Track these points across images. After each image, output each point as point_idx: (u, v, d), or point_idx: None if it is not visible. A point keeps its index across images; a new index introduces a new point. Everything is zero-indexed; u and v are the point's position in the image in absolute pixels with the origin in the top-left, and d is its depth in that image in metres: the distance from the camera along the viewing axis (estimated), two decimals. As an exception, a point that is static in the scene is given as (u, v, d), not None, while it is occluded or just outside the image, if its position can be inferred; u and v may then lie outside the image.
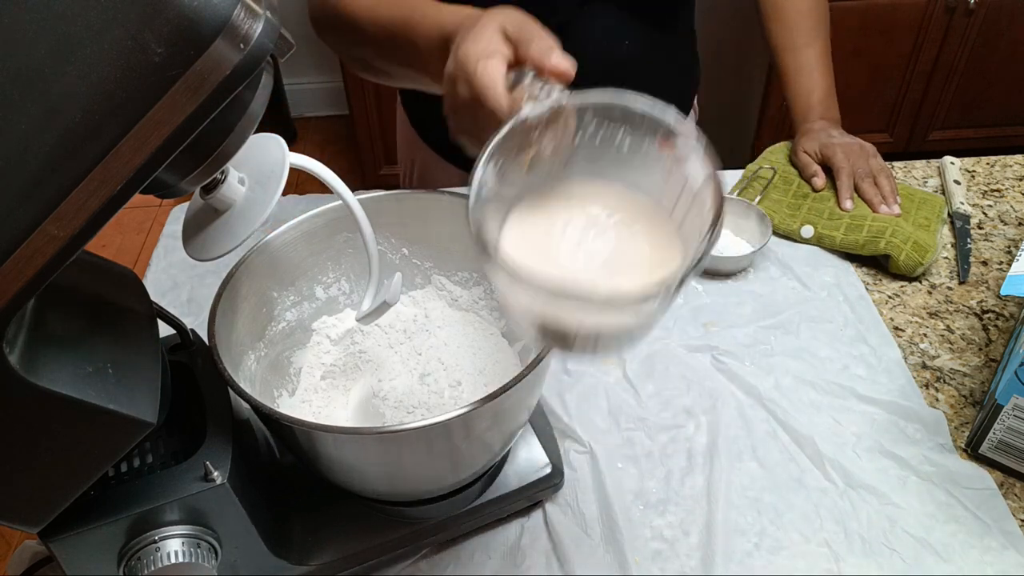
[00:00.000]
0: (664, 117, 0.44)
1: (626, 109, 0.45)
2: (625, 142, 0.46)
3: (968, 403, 0.74)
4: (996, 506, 0.64)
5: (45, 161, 0.33)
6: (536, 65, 0.49)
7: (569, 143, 0.47)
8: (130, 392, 0.44)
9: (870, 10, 1.97)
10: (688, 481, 0.67)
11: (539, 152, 0.47)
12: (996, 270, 0.88)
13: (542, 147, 0.47)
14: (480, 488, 0.63)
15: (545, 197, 0.48)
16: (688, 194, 0.44)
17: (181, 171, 0.41)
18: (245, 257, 0.60)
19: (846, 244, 0.89)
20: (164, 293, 0.88)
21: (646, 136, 0.45)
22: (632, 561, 0.61)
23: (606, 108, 0.46)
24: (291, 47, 0.39)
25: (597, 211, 0.48)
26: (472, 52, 0.50)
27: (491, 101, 0.49)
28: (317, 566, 0.58)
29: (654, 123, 0.44)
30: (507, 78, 0.49)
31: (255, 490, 0.56)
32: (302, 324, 0.68)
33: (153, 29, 0.32)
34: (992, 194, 1.00)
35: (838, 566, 0.61)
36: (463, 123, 0.53)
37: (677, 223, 0.46)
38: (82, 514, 0.48)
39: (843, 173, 0.94)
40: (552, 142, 0.47)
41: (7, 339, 0.37)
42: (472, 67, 0.50)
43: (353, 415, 0.65)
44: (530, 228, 0.47)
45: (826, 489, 0.66)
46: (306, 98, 2.81)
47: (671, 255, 0.44)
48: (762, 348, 0.79)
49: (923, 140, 2.26)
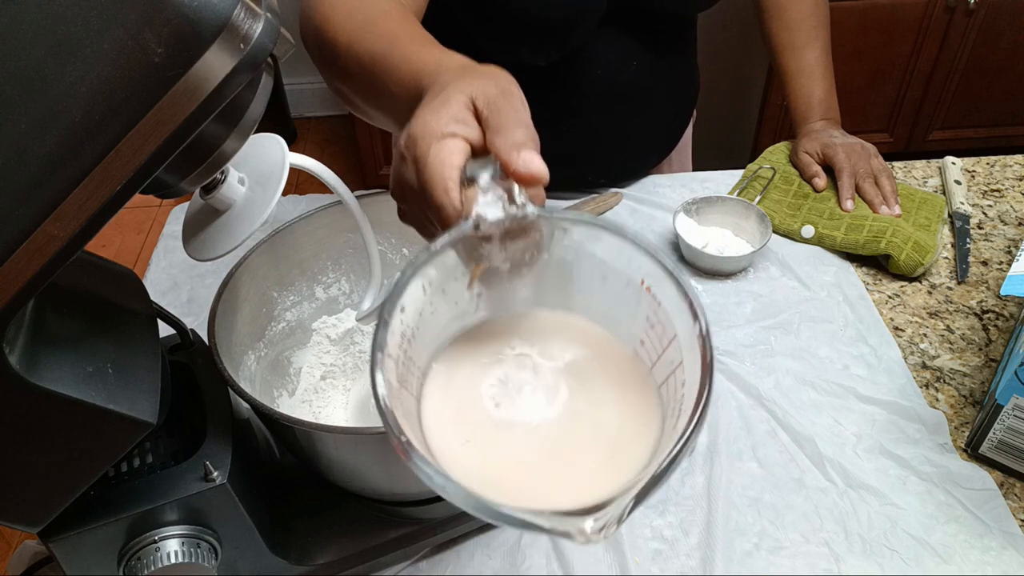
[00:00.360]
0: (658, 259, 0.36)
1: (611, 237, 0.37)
2: (603, 276, 0.38)
3: (968, 403, 0.74)
4: (996, 507, 0.64)
5: (45, 161, 0.33)
6: (502, 163, 0.38)
7: (533, 262, 0.39)
8: (130, 392, 0.44)
9: (870, 10, 1.97)
10: (688, 481, 0.67)
11: (490, 268, 0.38)
12: (996, 270, 0.88)
13: (495, 263, 0.38)
14: (480, 488, 0.63)
15: (488, 332, 0.39)
16: (675, 352, 0.36)
17: (181, 171, 0.41)
18: (245, 257, 0.60)
19: (846, 244, 0.89)
20: (164, 293, 0.88)
21: (628, 274, 0.38)
22: (632, 561, 0.61)
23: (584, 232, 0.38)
24: (291, 47, 0.39)
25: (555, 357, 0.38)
26: (428, 128, 0.39)
27: (436, 196, 0.38)
28: (317, 566, 0.58)
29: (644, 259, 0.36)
30: (465, 167, 0.38)
31: (255, 490, 0.56)
32: (302, 324, 0.68)
33: (153, 29, 0.32)
34: (992, 194, 1.00)
35: (838, 566, 0.61)
36: (410, 211, 0.43)
37: (658, 383, 0.37)
38: (82, 514, 0.48)
39: (844, 173, 0.94)
40: (510, 258, 0.38)
41: (7, 339, 0.37)
42: (424, 148, 0.39)
43: (353, 415, 0.65)
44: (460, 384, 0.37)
45: (826, 489, 0.66)
46: (306, 98, 2.81)
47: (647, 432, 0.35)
48: (762, 348, 0.79)
49: (923, 140, 2.26)
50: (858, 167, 0.94)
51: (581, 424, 0.36)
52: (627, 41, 0.89)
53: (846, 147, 0.96)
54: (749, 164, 1.03)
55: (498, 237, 0.36)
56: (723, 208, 0.92)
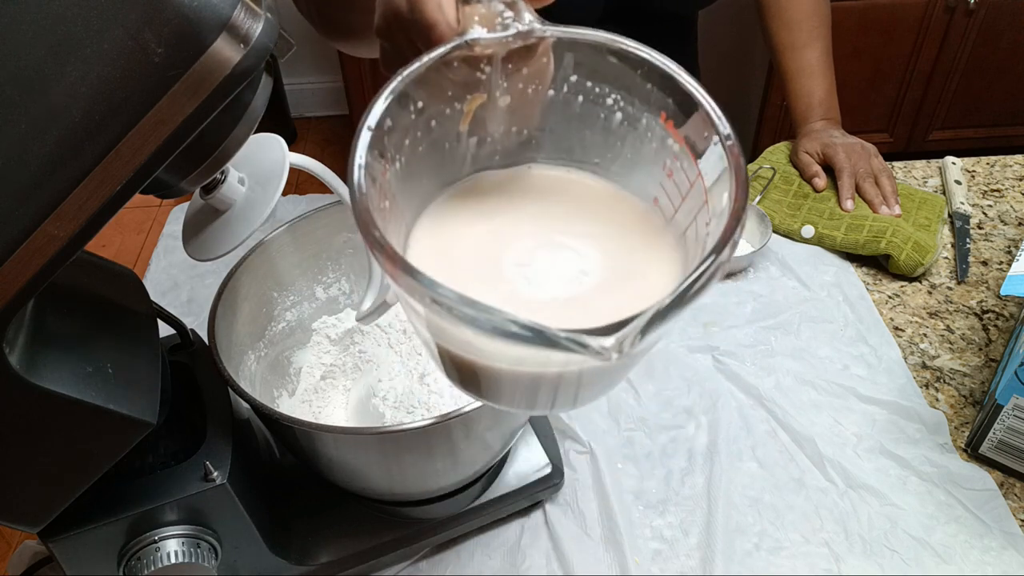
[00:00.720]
0: (679, 77, 0.31)
1: (627, 58, 0.32)
2: (615, 115, 0.34)
3: (968, 403, 0.74)
4: (996, 507, 0.64)
5: (45, 161, 0.33)
6: None
7: (537, 98, 0.34)
8: (130, 392, 0.44)
9: (870, 10, 1.97)
10: (688, 481, 0.67)
11: (489, 104, 0.33)
12: (996, 270, 0.88)
13: (494, 96, 0.33)
14: (480, 488, 0.63)
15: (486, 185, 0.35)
16: (698, 194, 0.31)
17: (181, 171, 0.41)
18: (245, 257, 0.60)
19: (846, 244, 0.89)
20: (164, 293, 0.88)
21: (645, 110, 0.33)
22: (632, 561, 0.61)
23: (596, 53, 0.32)
24: (291, 47, 0.39)
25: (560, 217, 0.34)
26: None
27: (429, 13, 0.33)
28: (317, 566, 0.58)
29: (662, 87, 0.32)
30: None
31: (255, 490, 0.56)
32: (302, 324, 0.68)
33: (153, 29, 0.32)
34: (992, 194, 1.00)
35: (838, 566, 0.61)
36: (395, 48, 0.37)
37: (679, 232, 0.33)
38: (82, 514, 0.48)
39: (845, 173, 0.94)
40: (511, 91, 0.33)
41: (7, 339, 0.37)
42: None
43: (353, 415, 0.65)
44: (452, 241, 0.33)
45: (826, 489, 0.66)
46: (306, 98, 2.81)
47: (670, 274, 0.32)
48: (762, 348, 0.79)
49: (923, 140, 2.26)
50: (858, 167, 0.94)
51: (591, 277, 0.32)
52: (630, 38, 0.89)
53: (846, 147, 0.96)
54: (749, 164, 1.03)
55: (499, 62, 0.32)
56: (723, 208, 0.92)
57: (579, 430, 0.71)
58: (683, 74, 0.31)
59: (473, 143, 0.35)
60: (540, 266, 0.32)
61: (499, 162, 0.36)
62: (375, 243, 0.26)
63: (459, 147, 0.35)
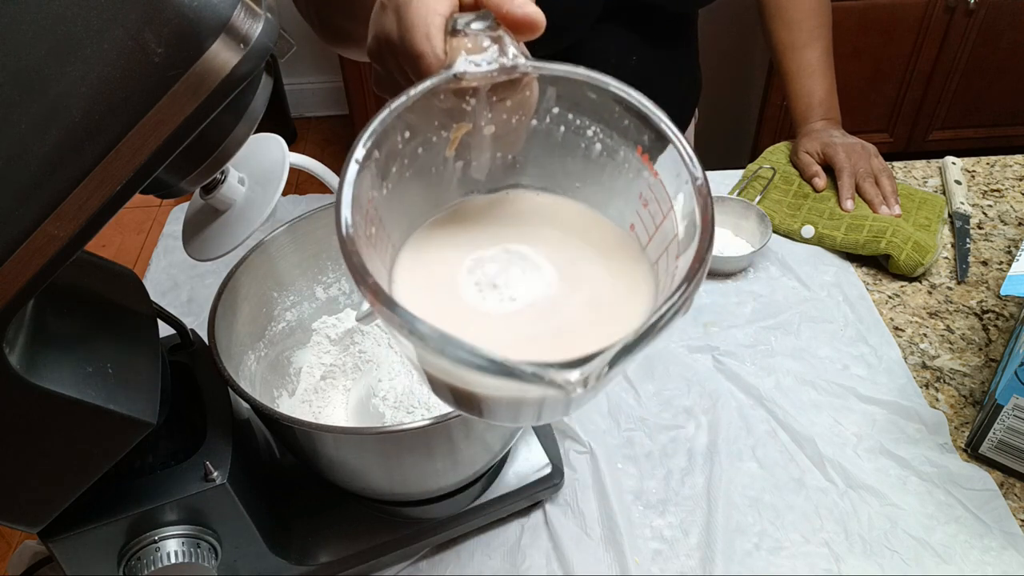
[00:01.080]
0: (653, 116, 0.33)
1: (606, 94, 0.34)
2: (595, 145, 0.35)
3: (968, 403, 0.74)
4: (996, 507, 0.64)
5: (45, 161, 0.33)
6: (493, 5, 0.34)
7: (521, 127, 0.35)
8: (130, 392, 0.44)
9: (870, 10, 1.97)
10: (688, 481, 0.67)
11: (475, 132, 0.34)
12: (996, 270, 0.88)
13: (479, 125, 0.34)
14: (480, 488, 0.63)
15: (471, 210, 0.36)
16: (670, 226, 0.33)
17: (181, 171, 0.41)
18: (245, 257, 0.60)
19: (846, 244, 0.89)
20: (164, 293, 0.88)
21: (623, 143, 0.35)
22: (632, 561, 0.61)
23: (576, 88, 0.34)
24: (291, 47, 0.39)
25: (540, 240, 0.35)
26: None
27: (417, 43, 0.34)
28: (317, 566, 0.58)
29: (638, 123, 0.34)
30: (453, 19, 0.35)
31: (255, 490, 0.56)
32: (302, 324, 0.68)
33: (153, 29, 0.32)
34: (992, 194, 1.00)
35: (838, 566, 0.61)
36: (388, 75, 0.39)
37: (652, 260, 0.34)
38: (82, 514, 0.48)
39: (845, 173, 0.94)
40: (495, 121, 0.34)
41: (7, 339, 0.37)
42: None
43: (353, 415, 0.65)
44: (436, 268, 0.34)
45: (826, 489, 0.66)
46: (306, 98, 2.81)
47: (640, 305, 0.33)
48: (762, 348, 0.79)
49: (923, 140, 2.26)
50: (858, 167, 0.94)
51: (569, 302, 0.33)
52: (626, 37, 0.89)
53: (846, 147, 0.96)
54: (749, 164, 1.03)
55: (484, 93, 0.33)
56: (723, 208, 0.92)
57: (579, 430, 0.71)
58: (658, 113, 0.33)
59: (459, 167, 0.36)
60: (518, 291, 0.33)
61: (485, 185, 0.37)
62: (357, 273, 0.27)
63: (445, 171, 0.36)
